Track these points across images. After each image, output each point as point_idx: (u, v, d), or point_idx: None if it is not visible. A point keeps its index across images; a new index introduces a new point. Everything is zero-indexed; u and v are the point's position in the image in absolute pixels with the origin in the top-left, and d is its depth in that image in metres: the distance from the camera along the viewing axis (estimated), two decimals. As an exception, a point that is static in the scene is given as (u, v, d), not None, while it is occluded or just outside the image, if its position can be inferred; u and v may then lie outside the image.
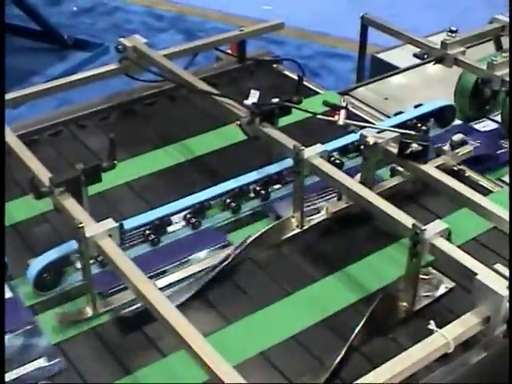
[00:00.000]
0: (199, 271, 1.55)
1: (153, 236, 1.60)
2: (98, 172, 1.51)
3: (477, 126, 2.07)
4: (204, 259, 1.58)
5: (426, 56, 2.25)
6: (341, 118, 1.65)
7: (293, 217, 1.65)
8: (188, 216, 1.65)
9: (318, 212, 1.68)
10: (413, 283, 1.43)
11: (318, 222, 1.67)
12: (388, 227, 1.52)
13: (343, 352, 1.33)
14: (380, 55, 2.58)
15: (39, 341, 1.39)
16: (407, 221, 1.40)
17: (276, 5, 4.97)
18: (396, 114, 1.94)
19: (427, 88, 2.36)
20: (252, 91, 1.72)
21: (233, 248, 1.59)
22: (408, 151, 1.57)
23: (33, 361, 1.35)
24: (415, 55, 2.45)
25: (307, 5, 4.97)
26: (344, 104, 1.67)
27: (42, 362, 1.35)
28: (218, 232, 1.66)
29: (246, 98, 1.72)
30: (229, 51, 2.34)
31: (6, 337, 1.38)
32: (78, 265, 1.48)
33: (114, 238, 1.39)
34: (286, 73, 2.33)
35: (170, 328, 1.22)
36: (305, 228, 1.65)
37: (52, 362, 1.36)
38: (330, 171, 1.57)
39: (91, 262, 1.44)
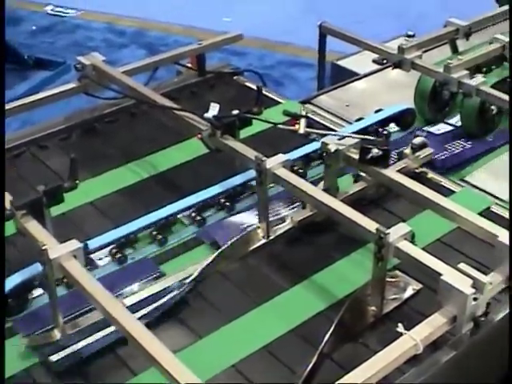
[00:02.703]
0: (169, 286, 1.55)
1: (119, 254, 1.60)
2: (60, 193, 1.50)
3: (432, 129, 2.09)
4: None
5: (384, 61, 2.27)
6: (301, 127, 1.67)
7: (259, 227, 1.66)
8: (154, 233, 1.65)
9: (284, 221, 1.69)
10: (380, 287, 1.44)
11: (284, 231, 1.67)
12: (353, 233, 1.53)
13: (314, 360, 1.34)
14: (340, 62, 2.59)
15: None
16: (371, 225, 1.41)
17: (237, 16, 4.98)
18: (357, 120, 1.95)
19: (388, 93, 2.38)
20: (212, 104, 1.73)
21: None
22: (369, 156, 1.58)
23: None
24: (374, 61, 2.47)
25: (268, 15, 4.99)
26: (304, 113, 1.69)
27: None
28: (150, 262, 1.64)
29: (207, 111, 1.73)
30: (189, 65, 2.34)
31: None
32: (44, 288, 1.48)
33: (78, 258, 1.38)
34: (247, 84, 2.33)
35: (139, 346, 1.22)
36: (271, 238, 1.66)
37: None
38: (293, 180, 1.58)
39: (57, 284, 1.43)
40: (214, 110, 1.72)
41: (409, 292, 1.52)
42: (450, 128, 2.11)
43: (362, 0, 5.36)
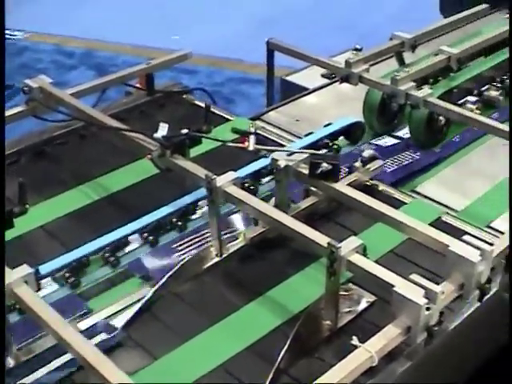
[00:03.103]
0: (123, 308, 1.53)
1: (72, 278, 1.58)
2: (9, 218, 1.49)
3: (380, 142, 2.11)
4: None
5: (333, 75, 2.29)
6: (251, 144, 1.67)
7: (211, 246, 1.65)
8: (106, 255, 1.64)
9: (236, 239, 1.69)
10: (334, 301, 1.44)
11: (237, 248, 1.67)
12: (305, 248, 1.54)
13: (271, 376, 1.33)
14: (289, 78, 2.61)
15: None
16: (322, 240, 1.41)
17: (186, 34, 4.99)
18: (307, 135, 1.96)
19: (337, 107, 2.40)
20: (161, 124, 1.72)
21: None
22: (318, 171, 1.59)
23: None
24: (323, 75, 2.49)
25: (218, 32, 5.01)
26: (253, 130, 1.69)
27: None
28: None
29: (157, 131, 1.72)
30: (138, 85, 2.33)
31: None
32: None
33: (30, 284, 1.36)
34: (197, 102, 2.33)
35: (93, 371, 1.20)
36: (224, 256, 1.65)
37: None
38: (244, 197, 1.58)
39: (9, 310, 1.41)
40: (163, 129, 1.71)
41: (363, 304, 1.52)
42: (398, 140, 2.13)
43: (312, 15, 5.41)
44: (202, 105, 2.26)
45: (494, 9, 3.07)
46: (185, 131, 1.71)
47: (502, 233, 1.59)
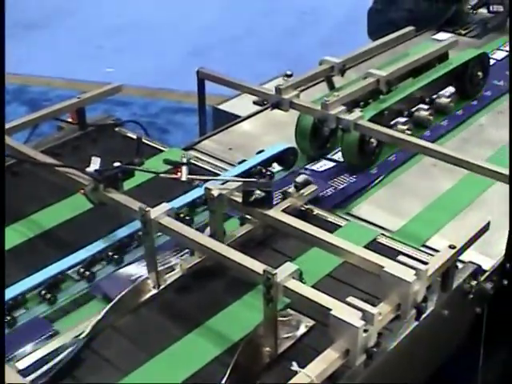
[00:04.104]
0: (63, 345, 1.51)
1: (8, 317, 1.56)
2: None
3: (314, 167, 2.13)
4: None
5: (265, 102, 2.30)
6: (183, 175, 1.67)
7: (148, 278, 1.65)
8: (43, 292, 1.62)
9: (173, 270, 1.68)
10: (272, 327, 1.44)
11: (175, 279, 1.67)
12: (242, 276, 1.54)
13: (212, 406, 1.34)
14: (221, 106, 2.62)
15: None
16: (258, 267, 1.42)
17: (120, 66, 4.98)
18: (240, 163, 1.97)
19: (270, 133, 2.41)
20: (93, 158, 1.72)
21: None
22: (252, 199, 1.60)
23: None
24: (255, 102, 2.50)
25: (152, 63, 5.02)
26: (185, 160, 1.69)
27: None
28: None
29: (89, 165, 1.71)
30: (69, 119, 2.32)
31: None
32: None
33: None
34: (129, 135, 2.33)
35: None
36: (162, 287, 1.65)
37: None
38: (179, 228, 1.58)
39: None
40: (95, 163, 1.71)
41: (302, 329, 1.53)
42: (333, 164, 2.15)
43: (245, 42, 5.45)
44: (135, 137, 2.26)
45: (421, 30, 3.14)
46: (117, 164, 1.70)
47: (438, 251, 1.61)
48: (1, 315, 1.36)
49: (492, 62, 2.75)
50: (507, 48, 3.01)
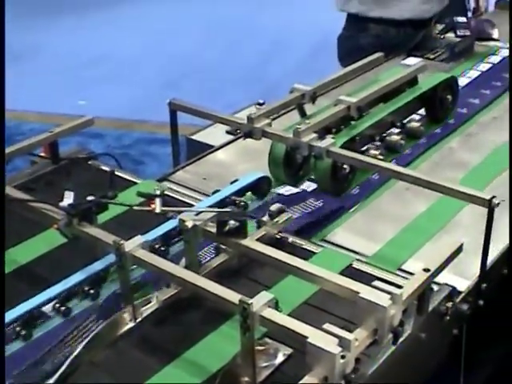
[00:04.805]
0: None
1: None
2: None
3: (281, 191, 2.14)
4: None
5: (238, 131, 2.31)
6: (157, 207, 1.67)
7: (125, 311, 1.64)
8: (18, 328, 1.61)
9: (150, 302, 1.67)
10: (250, 356, 1.44)
11: (151, 312, 1.66)
12: (219, 306, 1.54)
13: None
14: (194, 136, 2.63)
15: None
16: (234, 297, 1.42)
17: (93, 98, 4.99)
18: (214, 193, 1.97)
19: (244, 162, 2.42)
20: (66, 192, 1.72)
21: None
22: (226, 229, 1.60)
23: None
24: (228, 132, 2.52)
25: (125, 94, 5.03)
26: (158, 192, 1.69)
27: None
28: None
29: (63, 199, 1.71)
30: (43, 153, 2.32)
31: None
32: None
33: None
34: (103, 167, 2.32)
35: None
36: (138, 320, 1.64)
37: None
38: (154, 261, 1.58)
39: None
40: (68, 198, 1.71)
41: (280, 358, 1.53)
42: (299, 189, 2.17)
43: (217, 71, 5.48)
44: (108, 170, 2.26)
45: (390, 55, 3.17)
46: (91, 198, 1.70)
47: (413, 274, 1.62)
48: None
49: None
50: (470, 74, 3.05)
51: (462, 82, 2.94)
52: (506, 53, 3.27)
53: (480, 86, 2.95)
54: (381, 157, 2.28)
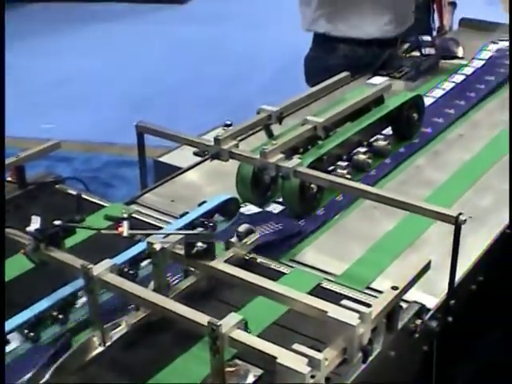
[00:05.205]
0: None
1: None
2: None
3: (242, 210, 2.12)
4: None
5: (205, 153, 2.32)
6: (125, 230, 1.67)
7: (94, 336, 1.63)
8: (-15, 356, 1.60)
9: (119, 326, 1.67)
10: (220, 378, 1.44)
11: (120, 335, 1.65)
12: (188, 328, 1.53)
13: None
14: (161, 158, 2.63)
15: None
16: (203, 319, 1.42)
17: (60, 122, 4.97)
18: (182, 215, 1.96)
19: (213, 183, 2.42)
20: (33, 217, 1.71)
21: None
22: (194, 251, 1.61)
23: None
24: (195, 153, 2.51)
25: (92, 117, 5.01)
26: (126, 215, 1.69)
27: None
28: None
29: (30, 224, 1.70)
30: (9, 178, 2.30)
31: None
32: None
33: None
34: (70, 191, 2.31)
35: None
36: (108, 344, 1.63)
37: None
38: (122, 284, 1.57)
39: None
40: (35, 222, 1.70)
41: (250, 379, 1.52)
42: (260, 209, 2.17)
43: (184, 92, 5.48)
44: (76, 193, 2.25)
45: (356, 75, 3.19)
46: (58, 222, 1.69)
47: (381, 292, 1.63)
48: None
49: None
50: (434, 93, 3.08)
51: (428, 101, 2.96)
52: (469, 71, 3.30)
53: (444, 105, 2.98)
54: (348, 176, 2.29)
